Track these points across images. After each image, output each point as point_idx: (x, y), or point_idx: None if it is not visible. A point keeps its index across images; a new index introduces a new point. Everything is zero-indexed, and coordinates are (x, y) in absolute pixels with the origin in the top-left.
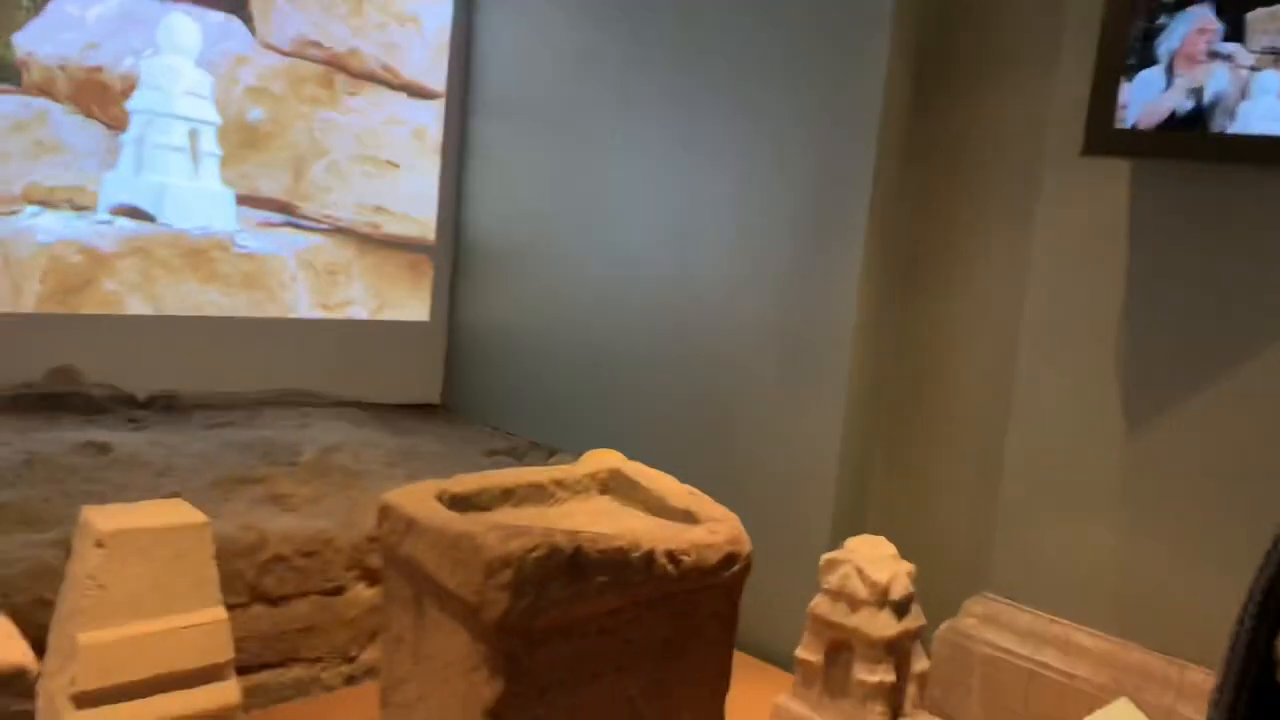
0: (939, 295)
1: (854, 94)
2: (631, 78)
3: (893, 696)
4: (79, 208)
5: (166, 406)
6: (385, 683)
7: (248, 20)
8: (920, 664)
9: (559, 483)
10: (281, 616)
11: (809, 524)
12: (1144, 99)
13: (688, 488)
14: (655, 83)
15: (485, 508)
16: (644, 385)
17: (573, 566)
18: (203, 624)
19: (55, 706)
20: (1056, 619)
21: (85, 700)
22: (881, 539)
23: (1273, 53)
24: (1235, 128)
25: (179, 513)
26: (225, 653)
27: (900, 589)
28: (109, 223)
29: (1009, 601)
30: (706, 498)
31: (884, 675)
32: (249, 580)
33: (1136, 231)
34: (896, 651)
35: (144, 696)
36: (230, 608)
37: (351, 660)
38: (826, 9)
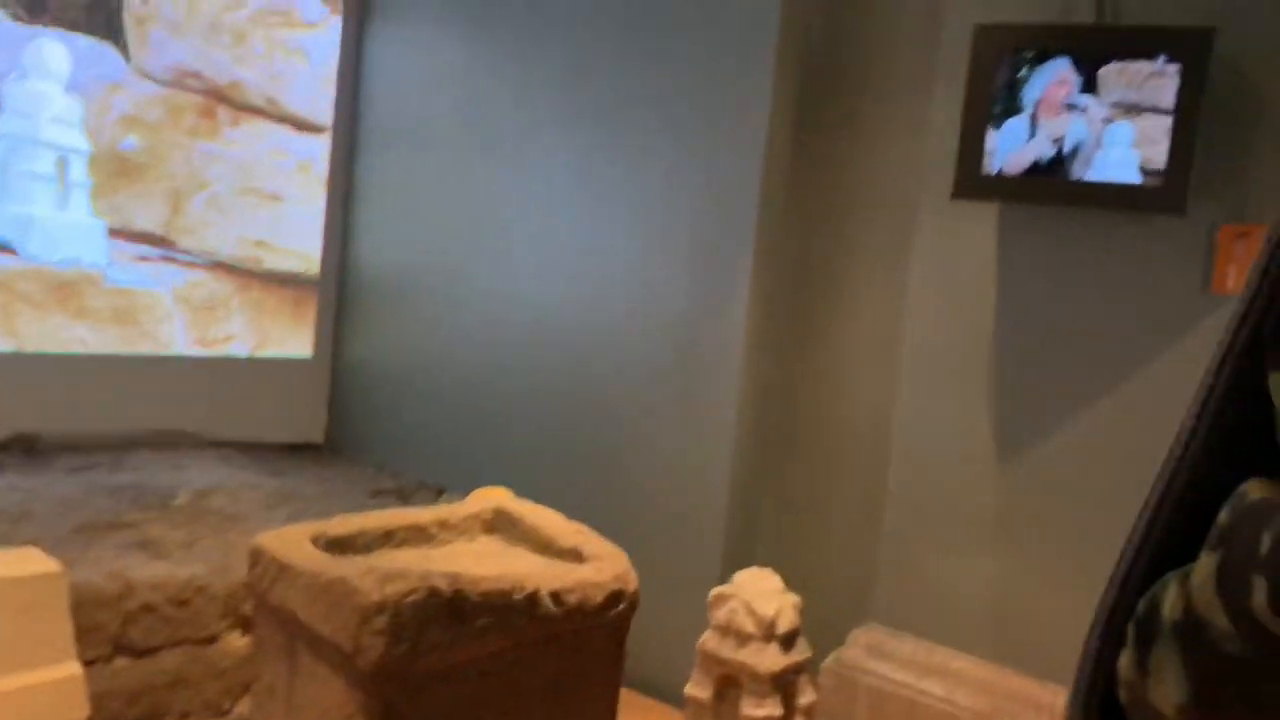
0: (825, 329)
1: (739, 128)
2: (522, 112)
3: None
4: None
5: (26, 449)
6: None
7: (122, 47)
8: (807, 696)
9: (442, 523)
10: (148, 669)
11: (700, 557)
12: (1009, 147)
13: (575, 525)
14: (545, 117)
15: (365, 550)
16: (534, 422)
17: (453, 609)
18: (55, 680)
19: None
20: (937, 647)
21: None
22: (769, 572)
23: (1123, 106)
24: (1091, 175)
25: (31, 562)
26: (80, 711)
27: (787, 622)
28: None
29: (892, 631)
30: (594, 534)
31: (771, 709)
32: (112, 632)
33: (1004, 270)
34: (784, 685)
35: None
36: (91, 662)
37: (225, 714)
38: (712, 42)
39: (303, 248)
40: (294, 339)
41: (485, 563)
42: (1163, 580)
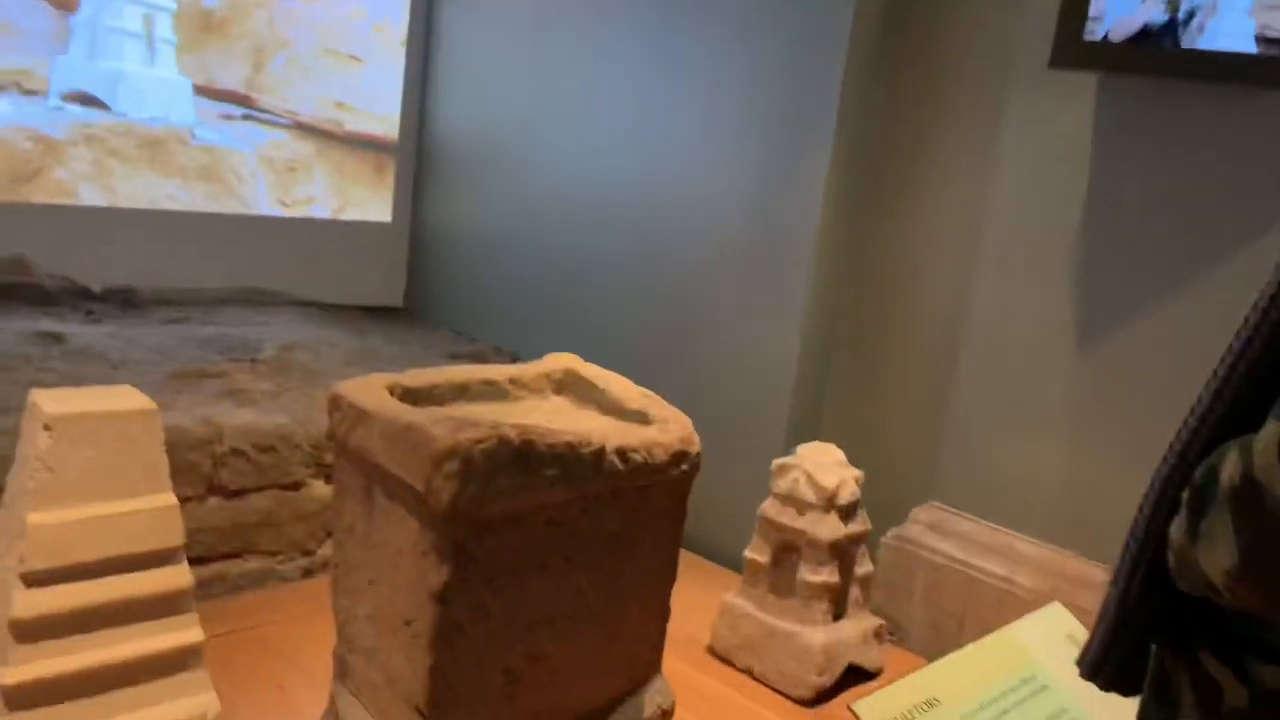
0: (904, 208)
1: (826, 2)
2: None
3: (836, 597)
4: (28, 91)
5: (124, 301)
6: (337, 569)
7: None
8: (864, 567)
9: (514, 381)
10: (238, 509)
11: (764, 431)
12: (1119, 10)
13: (642, 389)
14: None
15: (439, 401)
16: (607, 292)
17: (521, 459)
18: (153, 509)
19: (4, 585)
20: (999, 528)
21: (34, 579)
22: (831, 446)
23: None
24: (1203, 43)
25: (128, 399)
26: (176, 538)
27: (847, 494)
28: (60, 109)
29: (954, 510)
30: (660, 399)
31: (828, 576)
32: (205, 473)
33: (1100, 148)
34: (841, 554)
35: (94, 578)
36: (186, 499)
37: (309, 554)
38: None
39: (382, 111)
40: (374, 203)
41: (554, 419)
42: (1223, 448)
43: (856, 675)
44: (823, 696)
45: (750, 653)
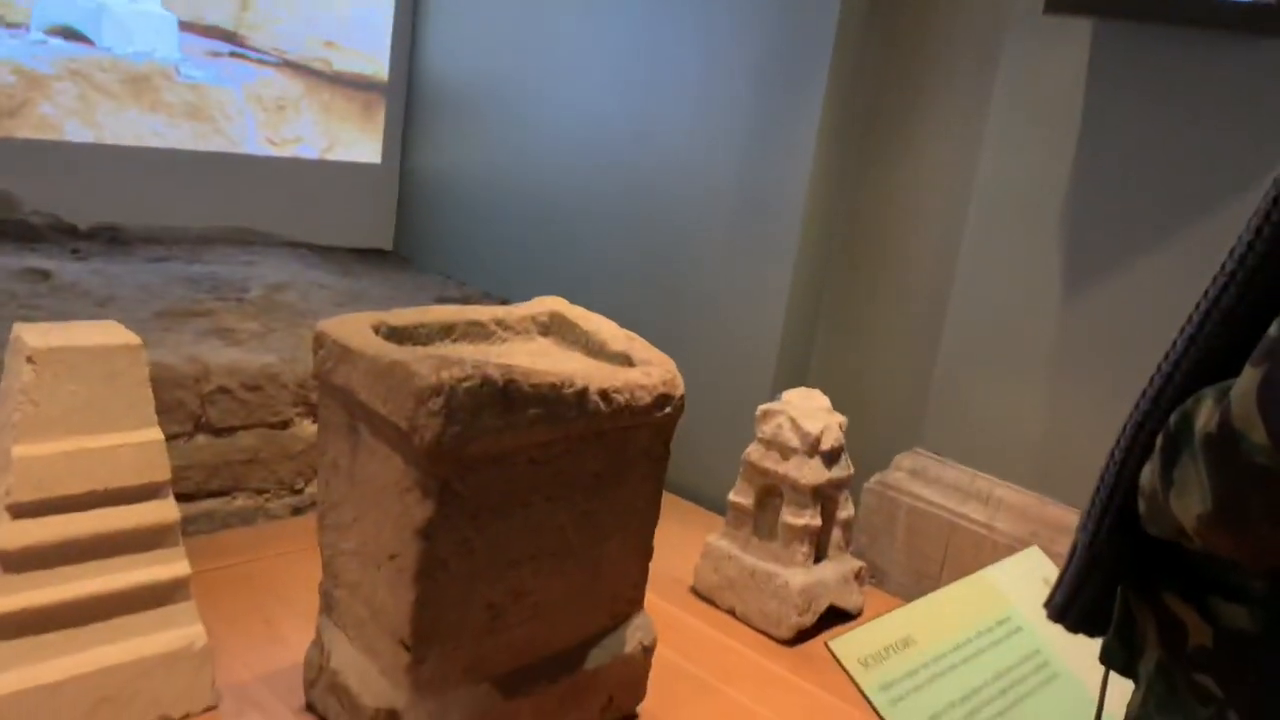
0: (895, 156)
1: None
2: None
3: (817, 540)
4: (10, 25)
5: (110, 239)
6: (322, 505)
7: None
8: (846, 511)
9: (499, 322)
10: (226, 447)
11: (750, 377)
12: None
13: (627, 332)
14: None
15: (424, 341)
16: (596, 237)
17: (504, 398)
18: (138, 443)
19: None
20: (980, 474)
21: (21, 511)
22: (817, 392)
23: None
24: None
25: (112, 334)
26: (162, 472)
27: (831, 440)
28: (43, 42)
29: (937, 457)
30: (645, 342)
31: (810, 520)
32: (192, 411)
33: (1093, 96)
34: (823, 499)
35: (80, 510)
36: (174, 436)
37: (298, 492)
38: None
39: (372, 51)
40: (363, 144)
41: (538, 361)
42: (1199, 394)
43: (837, 616)
44: (802, 636)
45: (732, 593)
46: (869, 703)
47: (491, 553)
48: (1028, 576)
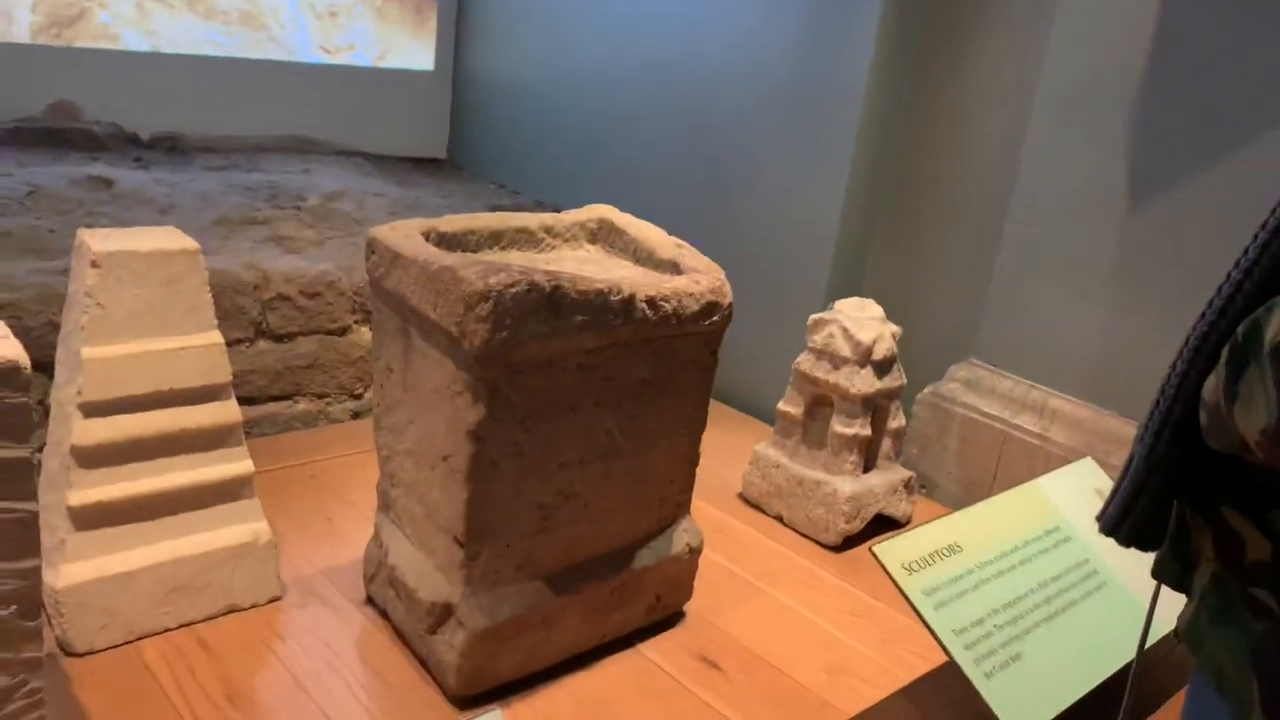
0: (956, 58)
1: None
2: None
3: (866, 449)
4: None
5: (170, 147)
6: (378, 408)
7: None
8: (896, 421)
9: (548, 229)
10: (287, 353)
11: (803, 286)
12: None
13: (675, 240)
14: None
15: (473, 248)
16: (649, 144)
17: (551, 304)
18: (199, 346)
19: (65, 415)
20: (1036, 386)
21: (92, 410)
22: (870, 301)
23: None
24: None
25: (171, 239)
26: (223, 374)
27: (883, 349)
28: None
29: (992, 368)
30: (693, 250)
31: (859, 429)
32: (253, 317)
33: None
34: (874, 408)
35: (146, 410)
36: (236, 342)
37: (357, 397)
38: None
39: None
40: (416, 50)
41: (586, 268)
42: (1270, 303)
43: (885, 525)
44: (849, 543)
45: (780, 500)
46: (912, 606)
47: (541, 455)
48: (1080, 487)
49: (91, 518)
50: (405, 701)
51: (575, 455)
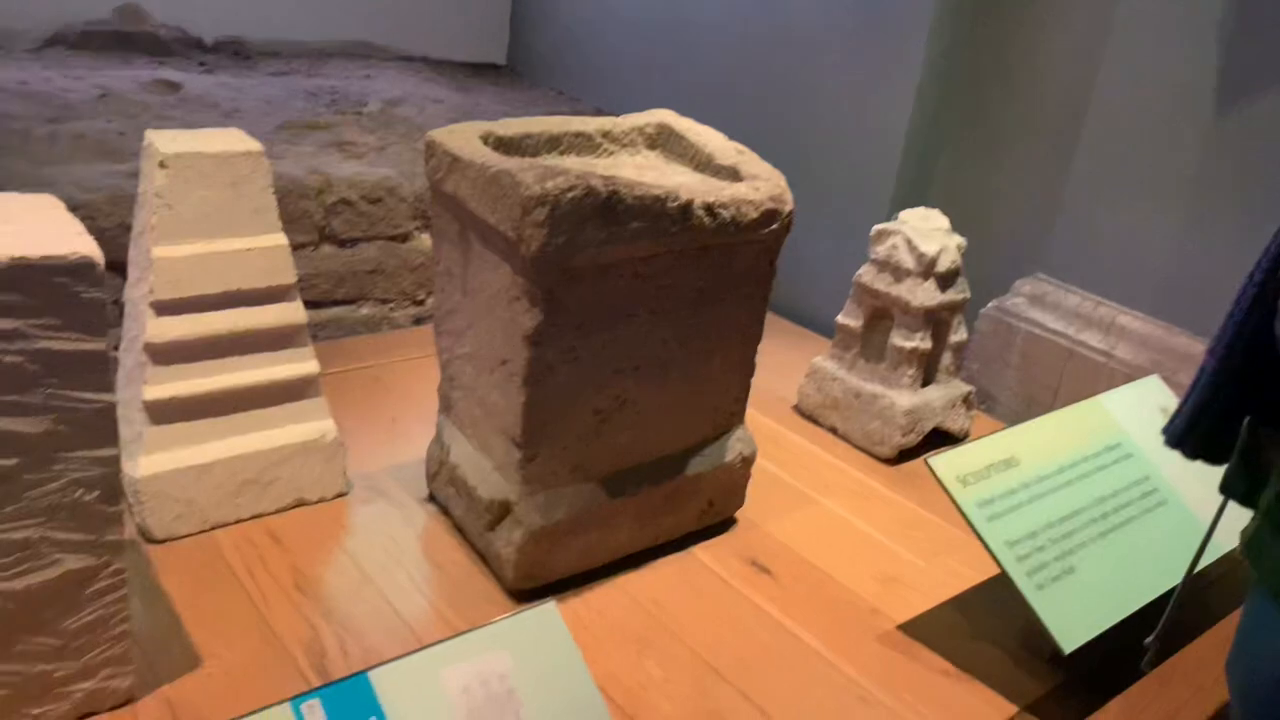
0: None
1: None
2: None
3: (925, 363)
4: None
5: (234, 51)
6: (438, 312)
7: None
8: (958, 336)
9: (606, 134)
10: (350, 258)
11: (868, 197)
12: None
13: (736, 145)
14: None
15: (531, 153)
16: (713, 50)
17: (607, 209)
18: (264, 248)
19: (138, 313)
20: (1104, 301)
21: (163, 308)
22: (936, 212)
23: None
24: None
25: (236, 141)
26: (288, 276)
27: (947, 262)
28: None
29: (1059, 283)
30: (755, 156)
31: (919, 343)
32: (317, 221)
33: None
34: (935, 322)
35: (215, 309)
36: (301, 246)
37: (419, 303)
38: None
39: None
40: None
41: (644, 174)
42: None
43: (942, 440)
44: (904, 458)
45: (835, 413)
46: (965, 518)
47: (597, 361)
48: (1144, 404)
49: (166, 412)
50: (464, 593)
51: (630, 362)
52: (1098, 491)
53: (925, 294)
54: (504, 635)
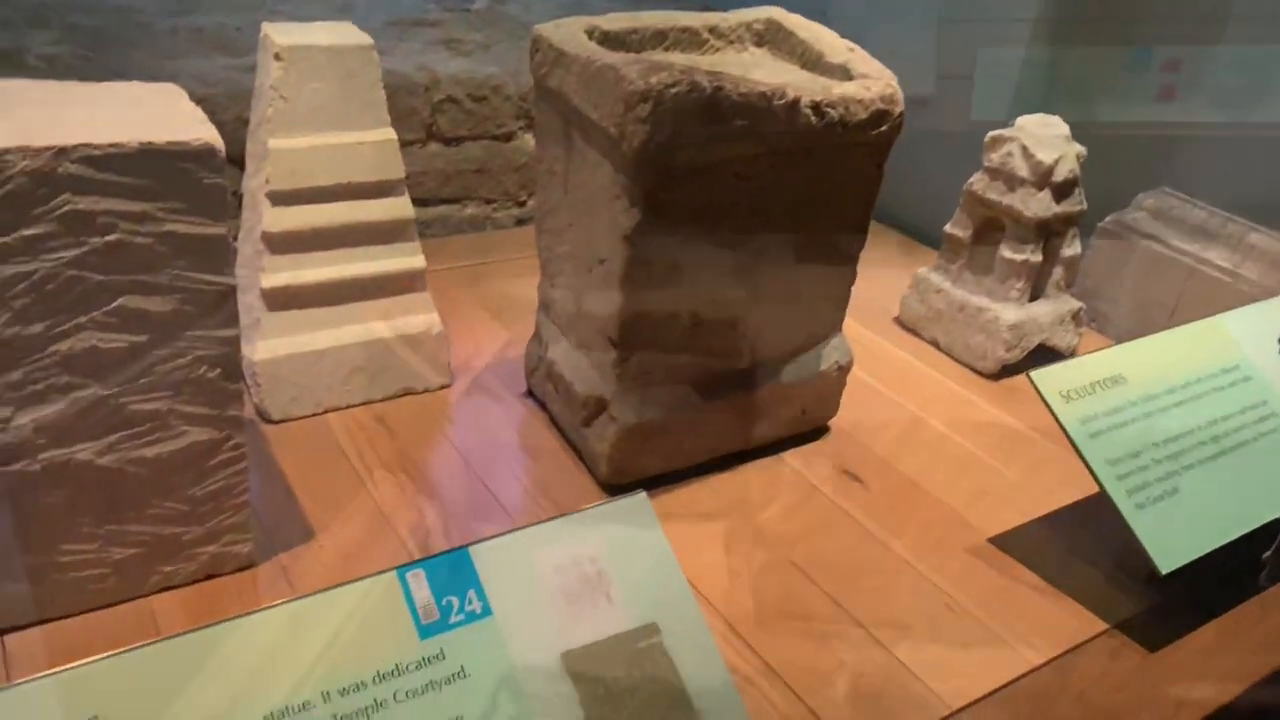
0: None
1: None
2: None
3: (1034, 277)
4: None
5: None
6: (539, 210)
7: None
8: (1071, 250)
9: (712, 30)
10: (456, 156)
11: (984, 100)
12: None
13: (848, 43)
14: None
15: (636, 47)
16: None
17: (712, 106)
18: (374, 142)
19: (256, 203)
20: (1234, 218)
21: (279, 199)
22: (1056, 119)
23: None
24: None
25: (347, 34)
26: (397, 171)
27: (1065, 171)
28: None
29: (1186, 197)
30: (866, 55)
31: (1030, 255)
32: (424, 119)
33: None
34: (1048, 234)
35: (328, 201)
36: (409, 143)
37: (521, 204)
38: None
39: None
40: None
41: (751, 71)
42: None
43: (1048, 357)
44: (1006, 373)
45: (938, 325)
46: (1065, 433)
47: (694, 264)
48: (1269, 325)
49: (282, 299)
50: (559, 483)
51: (728, 266)
52: (1209, 414)
53: (1039, 204)
54: (596, 521)
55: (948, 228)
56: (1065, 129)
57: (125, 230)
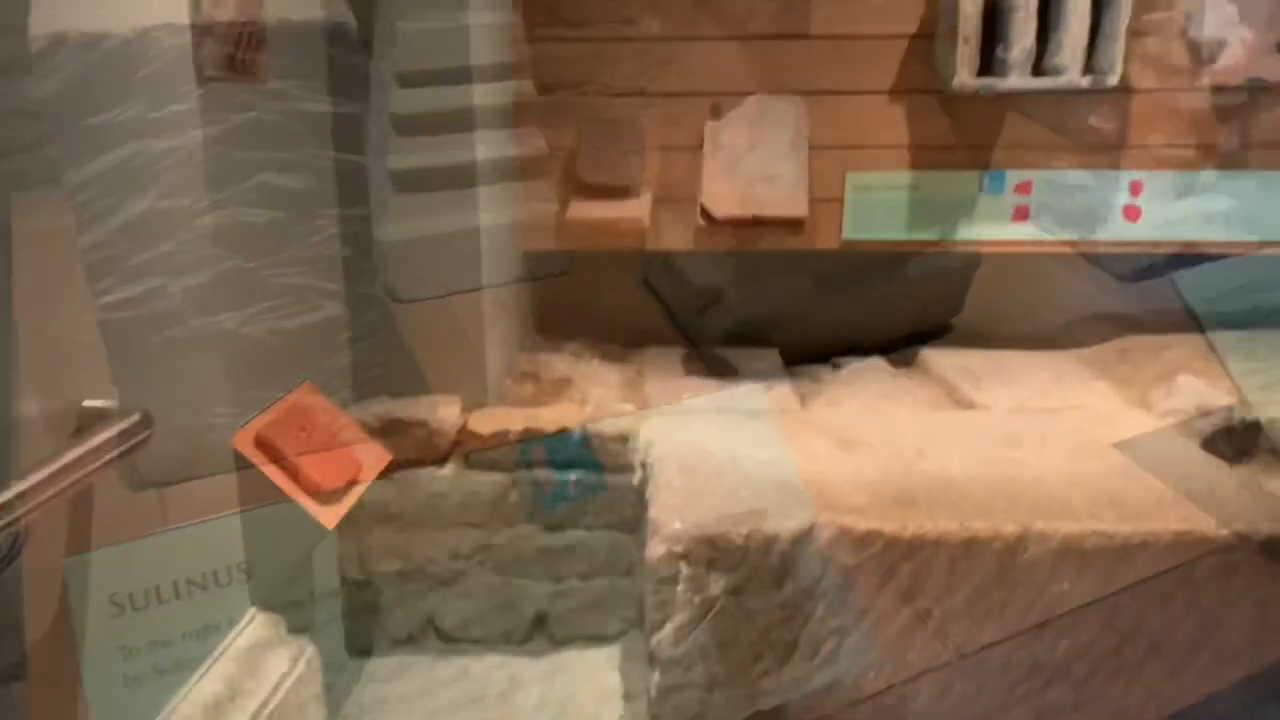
0: None
1: None
2: None
3: None
4: None
5: None
6: None
7: None
8: None
9: None
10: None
11: None
12: None
13: None
14: None
15: None
16: None
17: None
18: (497, 24)
19: (384, 85)
20: None
21: (406, 81)
22: None
23: None
24: None
25: None
26: (520, 55)
27: None
28: None
29: None
30: None
31: None
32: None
33: None
34: None
35: (454, 84)
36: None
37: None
38: None
39: None
40: None
41: None
42: None
43: None
44: None
45: None
46: None
47: None
48: None
49: (409, 181)
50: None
51: None
52: None
53: None
54: (719, 399)
55: None
56: None
57: (262, 109)
